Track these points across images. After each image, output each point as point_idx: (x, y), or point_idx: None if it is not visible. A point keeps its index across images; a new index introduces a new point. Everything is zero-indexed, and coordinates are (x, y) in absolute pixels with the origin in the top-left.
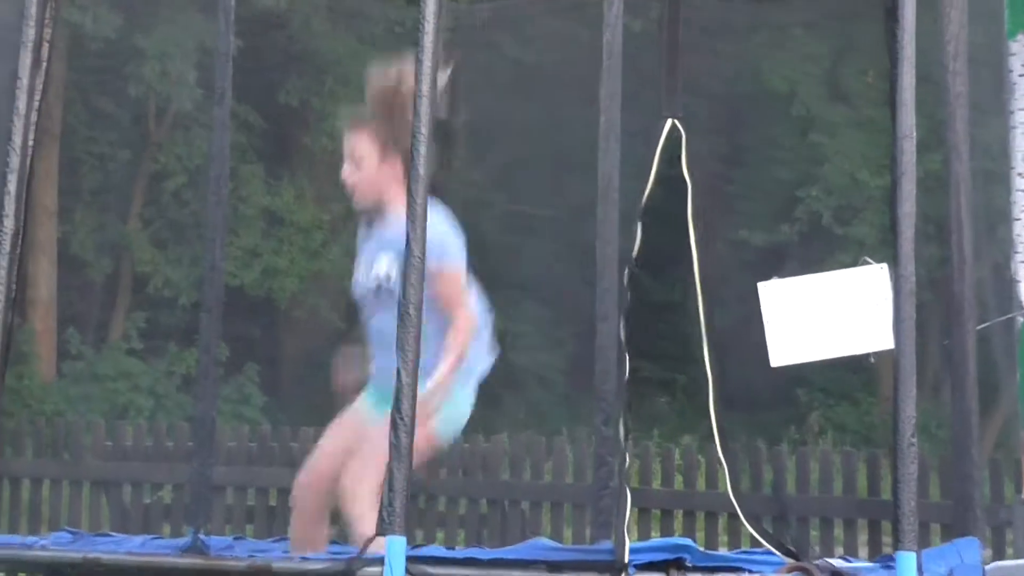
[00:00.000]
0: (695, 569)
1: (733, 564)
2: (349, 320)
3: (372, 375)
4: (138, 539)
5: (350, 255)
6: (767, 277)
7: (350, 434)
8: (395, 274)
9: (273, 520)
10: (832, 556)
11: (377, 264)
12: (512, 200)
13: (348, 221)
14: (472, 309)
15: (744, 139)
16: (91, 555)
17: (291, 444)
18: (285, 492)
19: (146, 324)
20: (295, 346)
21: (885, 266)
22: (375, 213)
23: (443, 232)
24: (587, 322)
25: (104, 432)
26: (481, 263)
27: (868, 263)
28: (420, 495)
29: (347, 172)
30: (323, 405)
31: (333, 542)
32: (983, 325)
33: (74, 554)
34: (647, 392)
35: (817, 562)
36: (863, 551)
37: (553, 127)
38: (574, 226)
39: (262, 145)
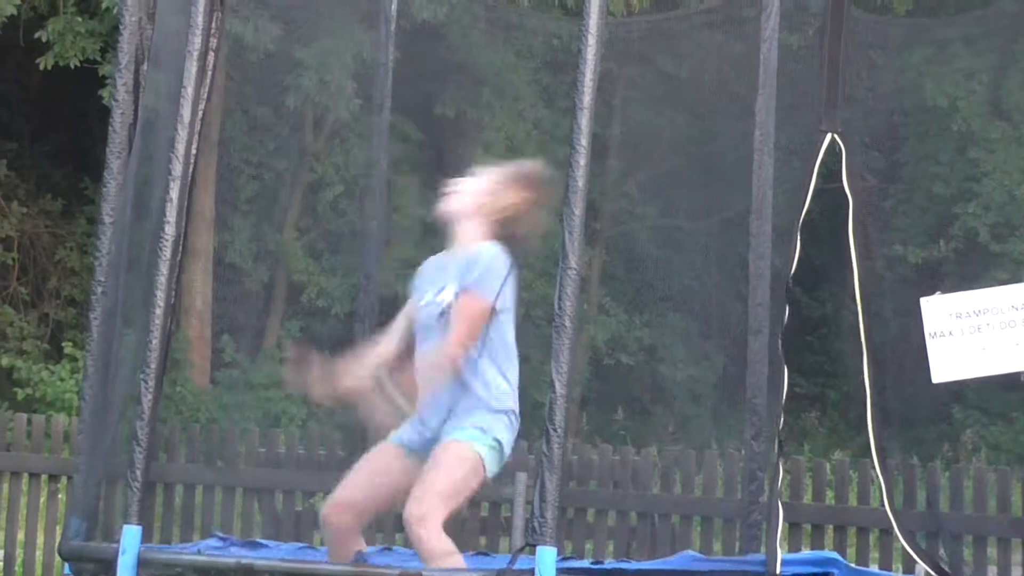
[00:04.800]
0: None
1: None
2: None
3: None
4: (288, 546)
5: None
6: (922, 293)
7: (379, 466)
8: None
9: None
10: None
11: (445, 291)
12: (664, 213)
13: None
14: (465, 337)
15: (901, 154)
16: (244, 561)
17: None
18: None
19: (300, 333)
20: None
21: None
22: (451, 238)
23: (494, 260)
24: (735, 336)
25: (257, 440)
26: (631, 276)
27: None
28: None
29: (449, 188)
30: None
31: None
32: None
33: (228, 559)
34: (798, 407)
35: None
36: (1016, 571)
37: (707, 141)
38: (724, 240)
39: (418, 156)
